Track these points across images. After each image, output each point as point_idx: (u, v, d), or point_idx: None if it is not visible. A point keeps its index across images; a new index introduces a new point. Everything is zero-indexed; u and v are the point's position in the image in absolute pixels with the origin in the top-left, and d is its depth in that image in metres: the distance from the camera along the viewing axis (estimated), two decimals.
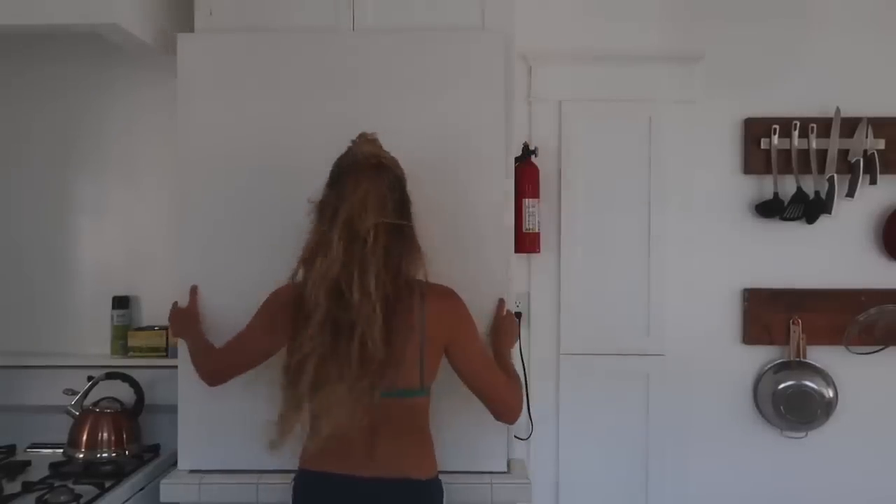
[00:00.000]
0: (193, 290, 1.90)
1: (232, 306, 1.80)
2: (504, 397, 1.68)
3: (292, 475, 1.67)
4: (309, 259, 1.57)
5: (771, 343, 2.47)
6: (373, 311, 1.49)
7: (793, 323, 2.44)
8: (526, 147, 2.36)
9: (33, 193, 2.37)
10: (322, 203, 1.59)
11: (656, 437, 2.44)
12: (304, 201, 1.62)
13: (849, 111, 2.41)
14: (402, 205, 1.59)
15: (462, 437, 1.76)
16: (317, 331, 1.50)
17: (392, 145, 1.65)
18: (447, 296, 1.64)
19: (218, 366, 1.78)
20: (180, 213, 1.92)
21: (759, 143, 2.43)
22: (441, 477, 1.66)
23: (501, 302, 1.86)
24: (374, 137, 1.62)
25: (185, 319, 1.87)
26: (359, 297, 1.49)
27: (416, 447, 1.64)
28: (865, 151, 2.40)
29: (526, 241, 2.31)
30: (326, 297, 1.51)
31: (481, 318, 1.80)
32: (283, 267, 1.64)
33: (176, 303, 1.90)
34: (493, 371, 1.69)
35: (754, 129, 2.44)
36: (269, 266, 1.66)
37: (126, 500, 1.89)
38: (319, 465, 1.61)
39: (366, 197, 1.52)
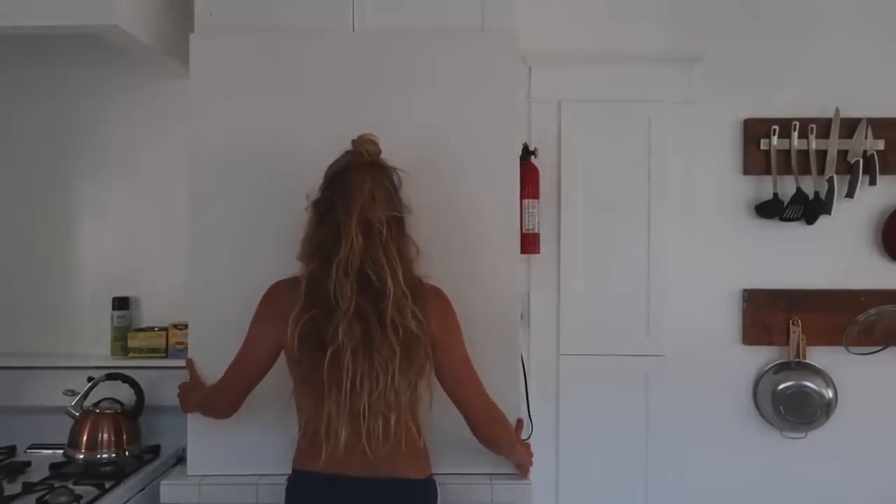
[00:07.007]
0: (189, 363, 1.90)
1: (241, 305, 1.77)
2: (483, 405, 1.67)
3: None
4: (311, 255, 1.58)
5: (771, 344, 2.47)
6: (404, 298, 1.52)
7: (792, 323, 2.44)
8: (526, 147, 2.35)
9: (33, 194, 2.37)
10: (323, 201, 1.60)
11: (656, 438, 2.44)
12: (304, 200, 1.62)
13: (848, 112, 2.41)
14: (401, 204, 1.62)
15: (463, 437, 1.75)
16: (347, 326, 1.51)
17: (394, 146, 1.65)
18: (441, 295, 1.66)
19: (228, 394, 1.73)
20: (190, 213, 1.92)
21: (759, 144, 2.44)
22: (442, 477, 1.66)
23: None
24: (374, 138, 1.63)
25: (188, 393, 1.86)
26: (392, 285, 1.51)
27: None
28: (865, 152, 2.40)
29: (526, 242, 2.30)
30: (354, 288, 1.51)
31: (482, 318, 1.80)
32: (291, 265, 1.64)
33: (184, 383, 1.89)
34: (474, 378, 1.67)
35: (754, 130, 2.45)
36: (276, 265, 1.66)
37: (126, 501, 1.89)
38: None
39: (374, 191, 1.55)
